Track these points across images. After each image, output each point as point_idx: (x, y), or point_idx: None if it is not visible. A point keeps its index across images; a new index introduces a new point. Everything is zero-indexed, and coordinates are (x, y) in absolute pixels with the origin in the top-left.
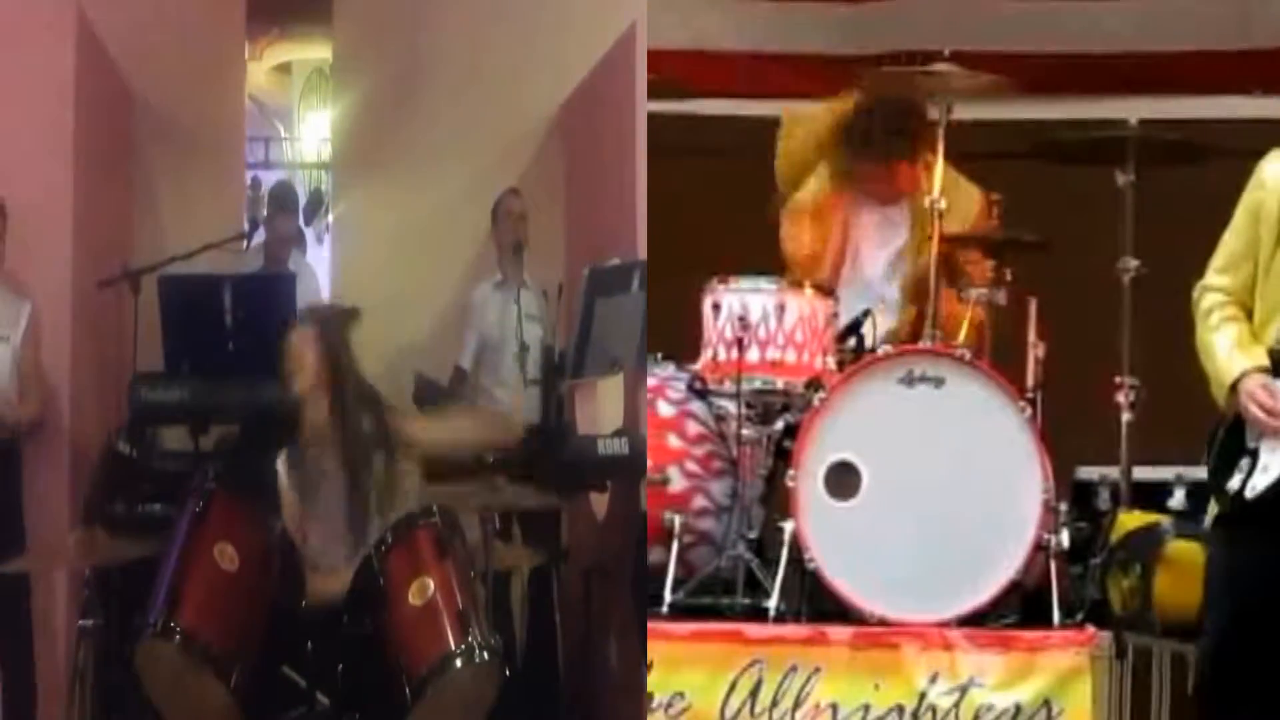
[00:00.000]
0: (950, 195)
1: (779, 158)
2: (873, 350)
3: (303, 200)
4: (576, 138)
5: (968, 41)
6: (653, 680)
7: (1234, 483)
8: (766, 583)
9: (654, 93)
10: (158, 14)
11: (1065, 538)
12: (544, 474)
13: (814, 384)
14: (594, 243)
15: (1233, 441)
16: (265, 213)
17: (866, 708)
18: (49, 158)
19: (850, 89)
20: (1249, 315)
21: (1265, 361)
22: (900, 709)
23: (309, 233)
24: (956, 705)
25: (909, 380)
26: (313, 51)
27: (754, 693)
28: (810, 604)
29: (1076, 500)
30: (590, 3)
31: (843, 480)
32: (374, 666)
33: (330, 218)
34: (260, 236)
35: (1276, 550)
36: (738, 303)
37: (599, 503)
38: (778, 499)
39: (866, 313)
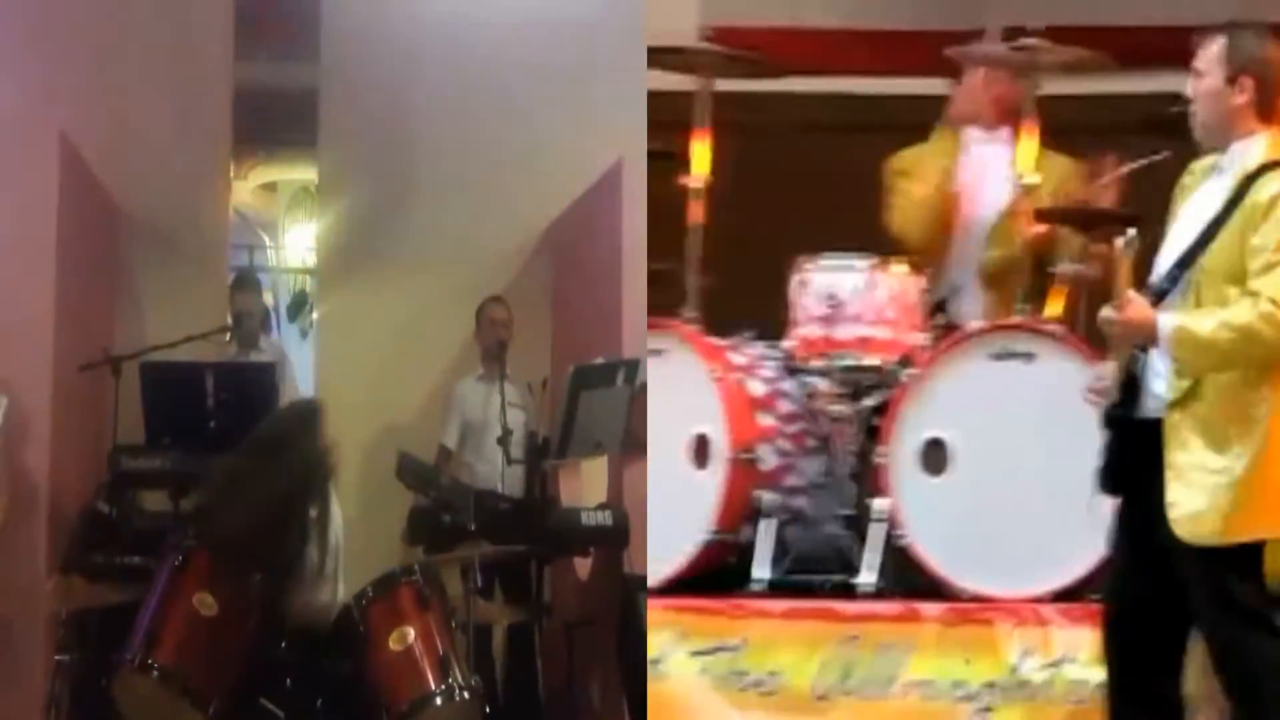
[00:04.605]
0: (1040, 170)
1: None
2: (961, 326)
3: (286, 300)
4: (563, 254)
5: (1059, 16)
6: (746, 659)
7: None
8: (858, 560)
9: (750, 70)
10: (141, 139)
11: None
12: (527, 541)
13: (904, 360)
14: (579, 345)
15: None
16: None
17: (959, 684)
18: (31, 257)
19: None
20: None
21: None
22: (993, 685)
23: (293, 329)
24: (1050, 681)
25: (999, 355)
26: (298, 173)
27: (847, 670)
28: (902, 580)
29: None
30: (578, 134)
31: (934, 456)
32: (354, 702)
33: (315, 315)
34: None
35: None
36: (827, 280)
37: (582, 564)
38: (870, 476)
39: (956, 289)
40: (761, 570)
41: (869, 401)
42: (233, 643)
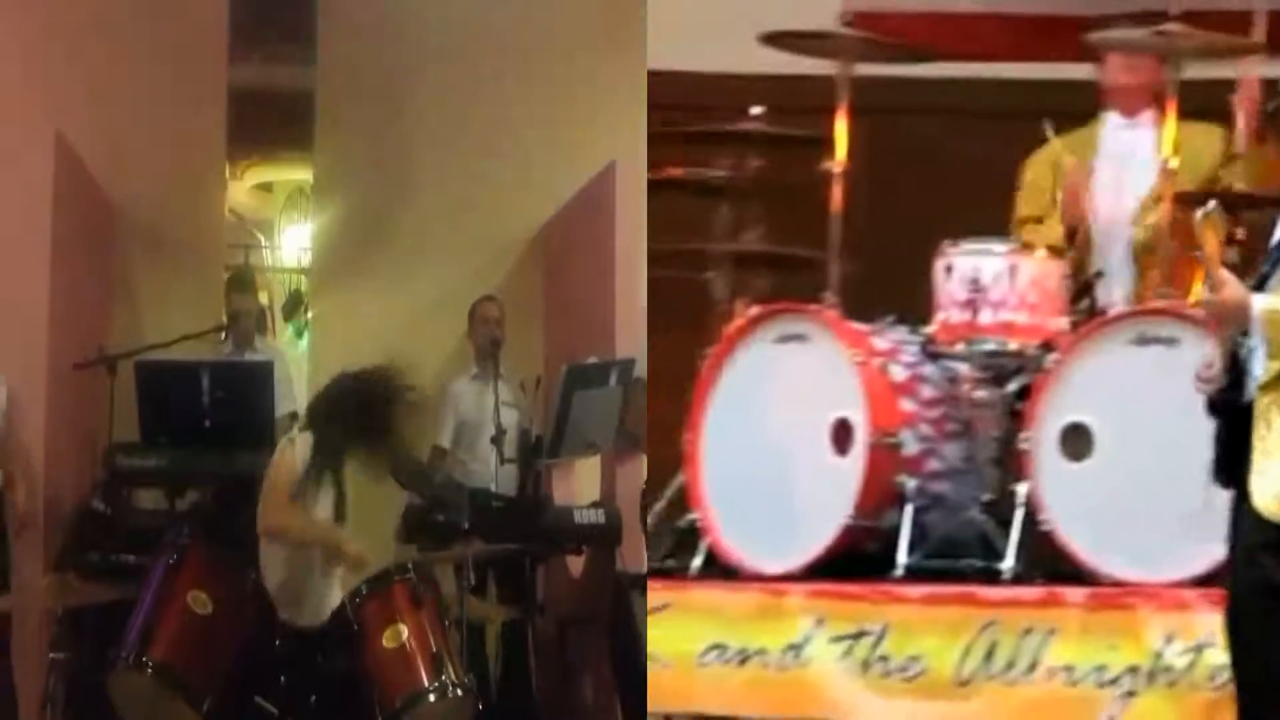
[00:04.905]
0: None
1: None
2: (1104, 311)
3: (281, 300)
4: (556, 253)
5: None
6: (888, 644)
7: None
8: (1000, 545)
9: (891, 55)
10: (137, 138)
11: None
12: (521, 539)
13: (1046, 345)
14: (571, 344)
15: None
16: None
17: (1101, 669)
18: (26, 254)
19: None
20: None
21: None
22: (1135, 670)
23: (289, 328)
24: (1192, 666)
25: (1141, 340)
26: (294, 173)
27: (989, 655)
28: (1044, 565)
29: None
30: (571, 138)
31: (1076, 441)
32: (347, 699)
33: (310, 315)
34: None
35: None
36: (970, 265)
37: (575, 562)
38: (1011, 461)
39: (1099, 274)
40: (904, 556)
41: (1011, 386)
42: (227, 640)
